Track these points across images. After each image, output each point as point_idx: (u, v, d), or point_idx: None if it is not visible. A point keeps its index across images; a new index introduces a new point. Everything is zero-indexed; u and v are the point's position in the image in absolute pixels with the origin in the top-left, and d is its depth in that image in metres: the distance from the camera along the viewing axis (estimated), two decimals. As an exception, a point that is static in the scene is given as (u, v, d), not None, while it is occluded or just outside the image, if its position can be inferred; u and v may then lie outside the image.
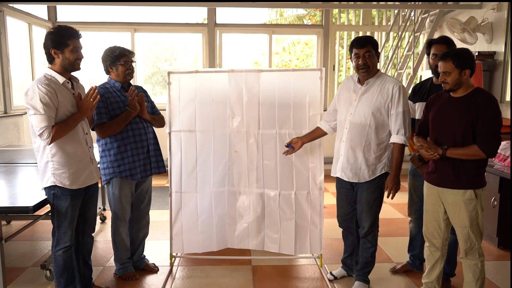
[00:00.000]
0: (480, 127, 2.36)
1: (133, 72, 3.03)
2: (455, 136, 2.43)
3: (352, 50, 2.72)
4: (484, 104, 2.36)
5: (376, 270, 3.28)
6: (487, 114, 2.35)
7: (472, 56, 2.43)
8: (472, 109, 2.38)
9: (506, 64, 4.90)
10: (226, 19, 6.67)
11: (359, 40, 2.70)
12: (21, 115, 5.44)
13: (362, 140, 2.74)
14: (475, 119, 2.36)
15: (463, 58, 2.37)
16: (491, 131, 2.35)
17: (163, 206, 4.94)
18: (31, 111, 2.36)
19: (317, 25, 7.18)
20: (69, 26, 2.49)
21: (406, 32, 6.50)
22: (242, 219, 3.30)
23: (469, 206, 2.44)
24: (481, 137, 2.35)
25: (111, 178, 2.95)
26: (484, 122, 2.35)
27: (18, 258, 3.50)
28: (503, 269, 3.34)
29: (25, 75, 5.97)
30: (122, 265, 3.13)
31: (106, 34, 6.62)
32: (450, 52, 2.41)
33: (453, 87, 2.41)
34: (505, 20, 4.89)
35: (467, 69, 2.38)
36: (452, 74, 2.38)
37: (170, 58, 8.22)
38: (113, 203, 3.02)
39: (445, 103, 2.51)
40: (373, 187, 2.77)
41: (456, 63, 2.36)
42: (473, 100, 2.40)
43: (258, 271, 3.28)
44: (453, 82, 2.40)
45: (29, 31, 5.83)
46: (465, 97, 2.43)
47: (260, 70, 3.15)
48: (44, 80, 2.41)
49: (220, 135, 3.22)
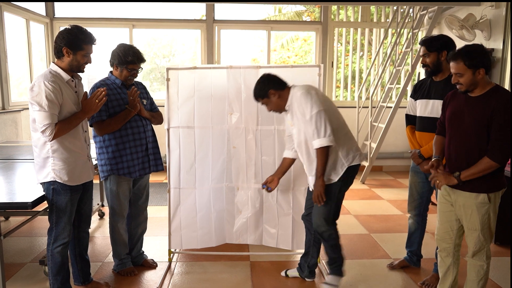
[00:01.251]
0: (492, 132, 2.22)
1: (135, 77, 3.00)
2: (470, 138, 2.30)
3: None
4: (499, 107, 2.20)
5: (374, 266, 3.30)
6: (501, 118, 2.19)
7: (485, 52, 2.26)
8: (487, 111, 2.23)
9: (504, 61, 4.91)
10: (224, 16, 6.66)
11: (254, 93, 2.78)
12: (19, 111, 5.43)
13: (306, 155, 2.72)
14: (490, 121, 2.22)
15: (475, 57, 2.20)
16: (501, 137, 2.20)
17: (161, 202, 4.94)
18: (36, 107, 2.36)
19: (316, 21, 7.17)
20: (88, 31, 2.50)
21: (405, 29, 6.50)
22: (241, 214, 3.32)
23: (481, 210, 2.31)
24: (491, 145, 2.22)
25: (109, 175, 2.95)
26: (496, 126, 2.21)
27: (17, 254, 3.51)
28: (500, 265, 3.36)
29: (23, 71, 5.96)
30: (120, 260, 3.13)
31: (104, 30, 6.60)
32: (460, 51, 2.24)
33: (469, 88, 2.28)
34: (503, 17, 4.89)
35: (481, 68, 2.21)
36: (465, 75, 2.23)
37: (168, 55, 8.20)
38: (111, 199, 3.02)
39: (461, 102, 2.37)
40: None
41: (468, 63, 2.21)
42: (489, 100, 2.24)
43: (256, 266, 3.30)
44: (467, 83, 2.26)
45: (26, 27, 5.80)
46: (481, 97, 2.28)
47: (258, 67, 3.15)
48: (50, 76, 2.41)
49: (219, 131, 3.23)
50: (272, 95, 2.71)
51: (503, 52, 4.91)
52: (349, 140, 2.72)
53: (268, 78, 2.74)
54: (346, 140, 2.69)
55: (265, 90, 2.71)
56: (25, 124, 5.48)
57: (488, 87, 2.28)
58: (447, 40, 2.82)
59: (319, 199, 2.65)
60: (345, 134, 2.71)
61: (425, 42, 2.83)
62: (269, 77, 2.75)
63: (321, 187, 2.63)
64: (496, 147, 2.21)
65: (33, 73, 5.96)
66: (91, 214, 2.90)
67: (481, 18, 5.15)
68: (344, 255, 2.89)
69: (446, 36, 2.88)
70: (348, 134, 2.74)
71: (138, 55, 2.90)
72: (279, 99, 2.72)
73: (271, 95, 2.71)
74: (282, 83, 2.74)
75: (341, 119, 2.74)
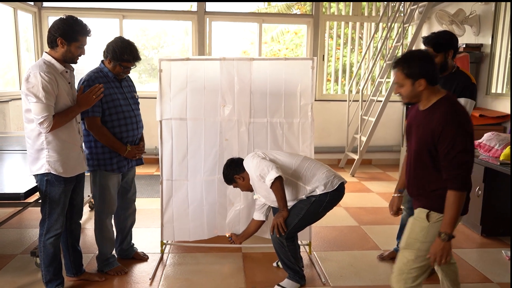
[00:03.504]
0: (441, 156, 1.89)
1: (127, 74, 2.95)
2: (417, 159, 2.01)
3: None
4: (440, 124, 1.84)
5: (364, 257, 3.35)
6: (445, 137, 1.84)
7: (428, 58, 1.93)
8: (428, 130, 1.90)
9: (492, 57, 4.99)
10: (215, 7, 6.62)
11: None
12: (7, 102, 5.34)
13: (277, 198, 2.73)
14: (434, 142, 1.89)
15: (413, 65, 1.89)
16: (454, 161, 1.86)
17: (152, 195, 4.93)
18: (32, 98, 2.33)
19: (307, 14, 7.17)
20: (83, 22, 2.46)
21: (396, 23, 6.55)
22: (233, 206, 3.33)
23: (416, 225, 2.06)
24: (446, 172, 1.89)
25: (96, 170, 2.87)
26: (443, 148, 1.86)
27: (7, 246, 3.48)
28: (486, 256, 3.43)
29: (10, 61, 5.85)
30: (106, 260, 3.03)
31: (94, 20, 6.51)
32: (400, 59, 1.95)
33: (411, 101, 1.99)
34: (492, 12, 4.95)
35: (421, 79, 1.89)
36: (404, 85, 1.95)
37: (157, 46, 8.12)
38: (100, 195, 2.91)
39: (412, 115, 2.09)
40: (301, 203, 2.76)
41: (406, 72, 1.91)
42: (432, 117, 1.89)
43: (248, 258, 3.32)
44: (408, 95, 1.96)
45: (14, 16, 5.70)
46: (427, 111, 1.95)
47: (252, 59, 3.15)
48: (45, 67, 2.38)
49: (211, 123, 3.23)
50: (238, 179, 2.82)
51: (491, 47, 4.98)
52: (311, 176, 2.73)
53: (230, 164, 2.86)
54: (307, 177, 2.73)
55: (230, 176, 2.84)
56: (13, 115, 5.40)
57: (435, 99, 1.93)
58: (451, 37, 2.75)
59: (278, 229, 2.71)
60: (305, 170, 2.74)
61: (430, 42, 2.72)
62: (231, 163, 2.87)
63: (281, 218, 2.69)
64: (451, 177, 1.89)
65: (21, 63, 5.87)
66: (83, 205, 2.88)
67: (471, 13, 5.21)
68: (301, 266, 2.91)
69: (449, 33, 2.81)
70: (307, 171, 2.74)
71: (135, 54, 2.81)
72: (245, 181, 2.82)
73: (237, 179, 2.83)
74: (241, 165, 2.82)
75: (295, 160, 2.79)
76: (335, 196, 2.72)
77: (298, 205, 2.74)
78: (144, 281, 2.96)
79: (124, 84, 2.96)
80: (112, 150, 2.85)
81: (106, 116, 2.81)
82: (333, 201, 2.74)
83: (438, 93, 1.95)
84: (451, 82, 2.81)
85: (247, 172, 2.80)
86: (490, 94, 5.04)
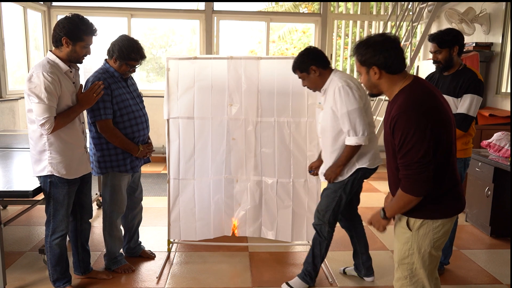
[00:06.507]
0: (398, 152, 1.70)
1: (133, 73, 2.93)
2: (387, 156, 1.85)
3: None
4: (394, 117, 1.66)
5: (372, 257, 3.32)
6: (397, 131, 1.66)
7: (383, 43, 1.71)
8: (387, 124, 1.75)
9: (503, 56, 4.92)
10: (223, 6, 6.62)
11: (293, 64, 2.64)
12: (16, 100, 5.39)
13: (328, 146, 2.65)
14: (391, 138, 1.73)
15: (366, 51, 1.73)
16: (404, 159, 1.66)
17: (159, 193, 4.94)
18: (34, 99, 2.29)
19: (315, 13, 7.14)
20: (89, 21, 2.42)
21: (404, 22, 6.49)
22: (240, 207, 3.32)
23: (400, 237, 1.87)
24: (400, 173, 1.73)
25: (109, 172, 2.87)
26: (396, 144, 1.69)
27: (16, 243, 3.51)
28: (495, 257, 3.40)
29: (20, 59, 5.90)
30: (115, 259, 3.05)
31: (102, 19, 6.54)
32: (356, 45, 1.80)
33: (371, 91, 1.84)
34: (503, 11, 4.89)
35: (373, 66, 1.72)
36: (362, 74, 1.81)
37: (165, 45, 8.14)
38: (111, 195, 2.91)
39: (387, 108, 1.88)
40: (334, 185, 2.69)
41: (360, 59, 1.77)
42: (391, 109, 1.72)
43: (255, 257, 3.32)
44: (365, 84, 1.84)
45: (24, 15, 5.74)
46: (390, 104, 1.78)
47: (259, 58, 3.14)
48: (48, 67, 2.34)
49: (218, 122, 3.22)
50: (312, 72, 2.57)
51: (502, 46, 4.92)
52: (370, 142, 2.59)
53: (314, 52, 2.59)
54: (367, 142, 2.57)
55: (307, 64, 2.56)
56: (23, 113, 5.45)
57: (397, 89, 1.74)
58: (457, 34, 2.77)
59: (330, 178, 2.63)
60: (368, 135, 2.57)
61: (435, 38, 2.76)
62: (314, 51, 2.59)
63: (334, 173, 2.61)
64: (402, 177, 1.71)
65: (30, 61, 5.91)
66: (92, 205, 2.89)
67: (481, 12, 5.15)
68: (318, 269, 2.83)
69: (455, 30, 2.83)
70: (371, 136, 2.60)
71: (142, 53, 2.80)
72: (319, 78, 2.58)
73: (311, 71, 2.57)
74: (326, 62, 2.60)
75: (371, 117, 2.63)
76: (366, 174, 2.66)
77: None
78: (151, 279, 2.96)
79: (129, 83, 2.95)
80: (125, 151, 2.85)
81: (117, 117, 2.79)
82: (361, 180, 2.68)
83: (402, 81, 1.73)
84: (457, 79, 2.78)
85: (328, 81, 2.56)
86: (500, 93, 4.98)
